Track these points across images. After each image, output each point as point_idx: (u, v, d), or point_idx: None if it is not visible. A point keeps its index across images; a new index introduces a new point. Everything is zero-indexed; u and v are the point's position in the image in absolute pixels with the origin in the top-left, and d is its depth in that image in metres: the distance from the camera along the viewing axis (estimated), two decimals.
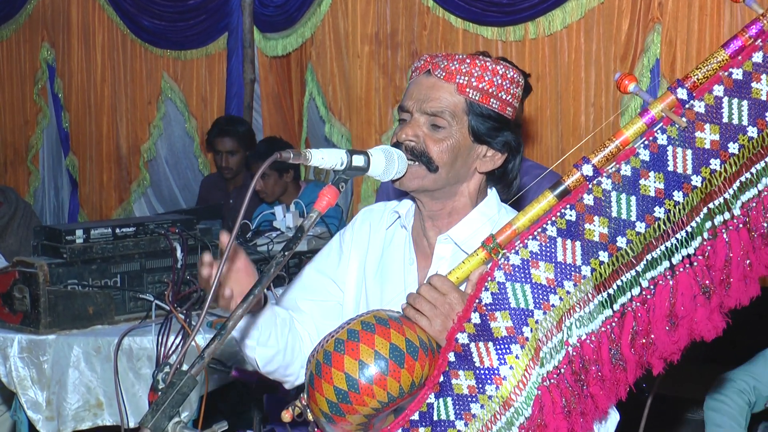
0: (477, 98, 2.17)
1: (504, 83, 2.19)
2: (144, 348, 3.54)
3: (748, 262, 1.79)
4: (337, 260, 2.41)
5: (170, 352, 3.42)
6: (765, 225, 1.79)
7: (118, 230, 3.75)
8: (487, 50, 5.42)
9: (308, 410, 1.97)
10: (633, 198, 1.84)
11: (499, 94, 2.19)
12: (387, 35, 6.03)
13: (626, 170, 1.84)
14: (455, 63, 2.18)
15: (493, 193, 2.32)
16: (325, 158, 1.95)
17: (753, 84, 1.80)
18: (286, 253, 1.83)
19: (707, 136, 1.81)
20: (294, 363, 2.30)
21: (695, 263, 1.80)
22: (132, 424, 3.50)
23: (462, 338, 1.88)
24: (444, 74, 2.18)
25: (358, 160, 2.00)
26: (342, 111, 6.28)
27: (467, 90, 2.16)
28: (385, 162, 2.08)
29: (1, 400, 4.32)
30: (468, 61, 2.18)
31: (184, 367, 1.74)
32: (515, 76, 2.22)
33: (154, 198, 7.46)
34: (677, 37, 4.94)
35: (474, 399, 1.86)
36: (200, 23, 6.95)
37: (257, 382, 3.23)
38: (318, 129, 6.48)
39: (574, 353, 1.84)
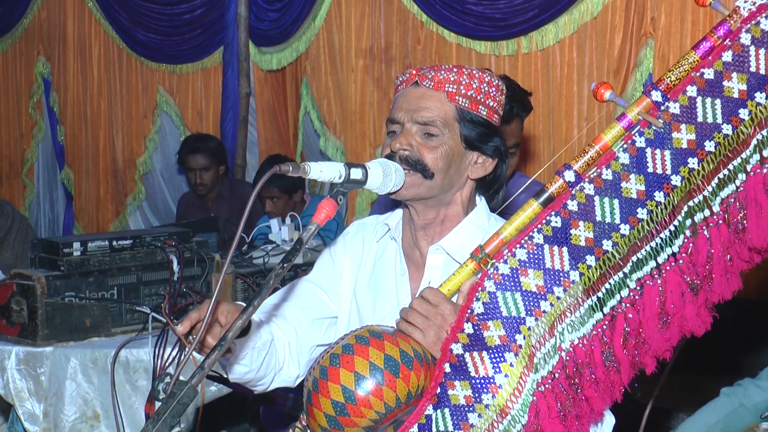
0: (466, 105, 2.20)
1: (490, 90, 2.23)
2: (141, 360, 3.55)
3: (728, 257, 1.83)
4: (330, 272, 2.42)
5: (167, 364, 3.44)
6: (742, 220, 1.82)
7: (115, 243, 3.76)
8: (480, 64, 5.47)
9: (308, 430, 1.97)
10: (616, 201, 1.86)
11: (487, 101, 2.22)
12: (381, 49, 6.07)
13: (607, 174, 1.87)
14: (442, 72, 2.21)
15: (482, 203, 2.34)
16: (324, 171, 1.97)
17: (724, 82, 1.84)
18: (284, 265, 1.85)
19: (684, 135, 1.85)
20: (265, 377, 2.30)
21: (681, 261, 1.84)
22: None
23: (456, 349, 1.89)
24: (432, 84, 2.21)
25: (356, 173, 2.02)
26: (337, 125, 6.31)
27: (457, 98, 2.20)
28: (383, 175, 2.10)
29: None
30: (455, 70, 2.22)
31: (183, 379, 1.76)
32: (500, 83, 2.27)
33: (149, 211, 7.48)
34: (670, 51, 4.98)
35: (471, 409, 1.87)
36: (196, 37, 6.98)
37: (254, 394, 3.24)
38: (313, 142, 6.51)
39: (568, 358, 1.86)
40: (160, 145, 7.32)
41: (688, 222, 1.84)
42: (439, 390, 1.89)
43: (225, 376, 3.42)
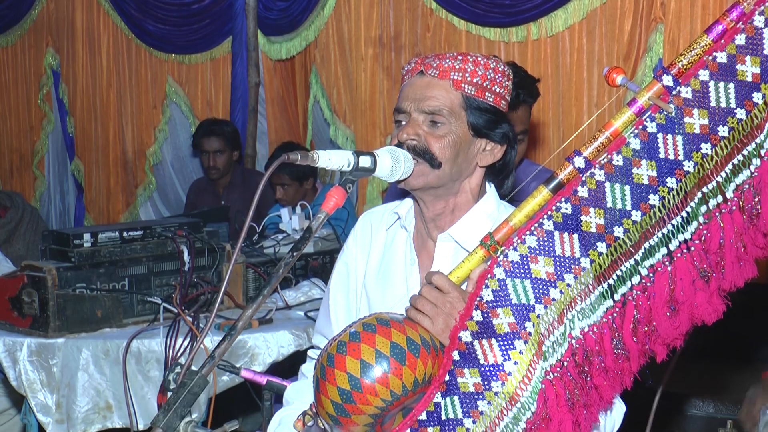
0: (473, 93, 2.20)
1: (496, 77, 2.22)
2: (152, 351, 3.55)
3: (741, 244, 1.81)
4: (347, 277, 2.44)
5: (178, 354, 3.44)
6: (757, 206, 1.80)
7: (125, 234, 3.76)
8: (490, 51, 5.45)
9: (318, 417, 1.97)
10: (627, 187, 1.85)
11: (493, 88, 2.22)
12: (390, 38, 6.05)
13: (618, 160, 1.85)
14: (447, 60, 2.21)
15: (492, 191, 2.34)
16: (333, 159, 1.97)
17: (738, 66, 1.82)
18: (294, 254, 1.85)
19: (696, 120, 1.82)
20: None
21: (692, 248, 1.82)
22: (141, 427, 3.51)
23: (465, 336, 1.89)
24: (438, 72, 2.20)
25: (365, 161, 2.02)
26: (347, 113, 6.30)
27: (462, 85, 2.19)
28: (392, 162, 2.09)
29: (11, 403, 4.35)
30: (460, 57, 2.22)
31: (194, 368, 1.76)
32: (506, 69, 2.26)
33: (159, 202, 7.49)
34: (680, 36, 4.95)
35: (480, 396, 1.86)
36: (204, 27, 6.97)
37: (266, 384, 3.25)
38: (323, 131, 6.51)
39: (577, 345, 1.85)
40: (170, 136, 7.32)
41: (702, 208, 1.82)
42: (448, 377, 1.89)
43: (236, 366, 3.43)
